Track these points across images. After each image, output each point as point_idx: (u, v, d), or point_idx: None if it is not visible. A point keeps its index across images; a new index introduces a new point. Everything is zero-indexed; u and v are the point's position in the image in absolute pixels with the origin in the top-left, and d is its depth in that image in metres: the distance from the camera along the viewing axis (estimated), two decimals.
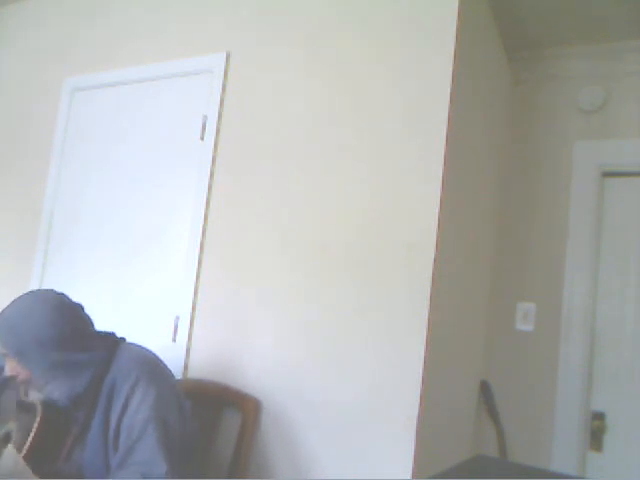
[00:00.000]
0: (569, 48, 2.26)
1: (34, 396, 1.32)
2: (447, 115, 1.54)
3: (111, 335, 1.42)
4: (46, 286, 2.25)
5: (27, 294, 1.39)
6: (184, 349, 1.85)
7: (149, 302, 1.98)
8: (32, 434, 1.23)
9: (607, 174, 2.20)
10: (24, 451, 1.22)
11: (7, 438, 1.29)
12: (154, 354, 1.42)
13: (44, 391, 1.30)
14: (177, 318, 1.89)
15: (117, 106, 2.26)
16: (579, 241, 2.16)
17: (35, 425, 1.24)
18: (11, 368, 1.31)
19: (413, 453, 1.43)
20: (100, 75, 2.34)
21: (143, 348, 1.42)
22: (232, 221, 1.87)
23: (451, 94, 1.56)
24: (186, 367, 1.84)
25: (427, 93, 1.59)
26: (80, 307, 1.40)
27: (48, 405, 1.30)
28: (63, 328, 1.30)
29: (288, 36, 1.88)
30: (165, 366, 1.41)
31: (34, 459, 1.21)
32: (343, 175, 1.69)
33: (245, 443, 1.62)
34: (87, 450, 1.28)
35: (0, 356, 1.38)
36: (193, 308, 1.87)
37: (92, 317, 1.43)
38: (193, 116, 2.01)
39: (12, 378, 1.40)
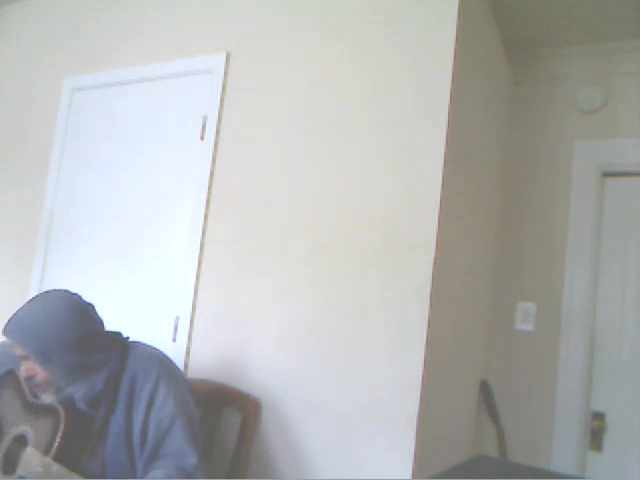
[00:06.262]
0: (568, 48, 2.26)
1: (49, 398, 1.31)
2: (447, 115, 1.54)
3: (119, 335, 1.45)
4: (46, 286, 2.25)
5: (43, 295, 1.39)
6: (184, 349, 1.85)
7: (149, 302, 1.99)
8: (59, 437, 1.24)
9: (607, 174, 2.20)
10: (52, 454, 1.22)
11: (21, 440, 1.28)
12: (164, 353, 1.46)
13: (65, 393, 1.31)
14: (177, 318, 1.89)
15: (117, 106, 2.26)
16: (579, 241, 2.16)
17: (61, 427, 1.25)
18: (28, 369, 1.30)
19: (413, 453, 1.43)
20: (100, 75, 2.34)
21: (152, 347, 1.46)
22: (232, 221, 1.87)
23: (451, 94, 1.56)
24: (186, 367, 1.84)
25: (427, 93, 1.59)
26: (92, 307, 1.42)
27: (68, 407, 1.31)
28: (83, 329, 1.33)
29: (288, 36, 1.88)
30: (176, 364, 1.46)
31: (61, 460, 1.22)
32: (343, 176, 1.68)
33: (245, 443, 1.62)
34: (109, 445, 1.31)
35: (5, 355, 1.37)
36: (193, 308, 1.87)
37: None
38: (193, 116, 2.01)
39: (11, 374, 1.39)
